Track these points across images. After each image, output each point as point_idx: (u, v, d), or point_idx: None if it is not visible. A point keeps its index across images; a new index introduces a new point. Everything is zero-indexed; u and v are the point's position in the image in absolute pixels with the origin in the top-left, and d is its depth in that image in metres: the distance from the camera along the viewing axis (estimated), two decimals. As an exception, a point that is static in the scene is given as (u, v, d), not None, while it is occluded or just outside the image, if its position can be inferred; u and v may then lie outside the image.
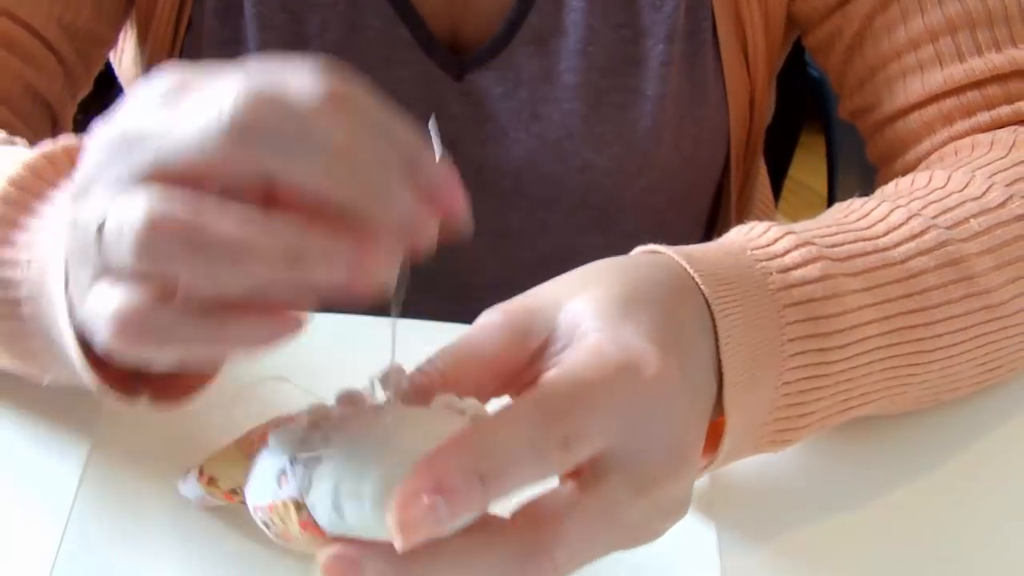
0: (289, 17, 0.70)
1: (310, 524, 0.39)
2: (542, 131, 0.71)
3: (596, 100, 0.70)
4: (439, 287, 0.78)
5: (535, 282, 0.80)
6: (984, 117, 0.66)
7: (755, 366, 0.48)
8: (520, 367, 0.45)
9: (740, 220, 0.84)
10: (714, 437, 0.48)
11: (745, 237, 0.52)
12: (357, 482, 0.38)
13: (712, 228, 0.83)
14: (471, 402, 0.42)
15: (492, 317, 0.46)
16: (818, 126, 1.07)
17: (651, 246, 0.51)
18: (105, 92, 1.03)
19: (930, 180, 0.60)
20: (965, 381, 0.57)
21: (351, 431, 0.40)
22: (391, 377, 0.42)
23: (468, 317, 0.69)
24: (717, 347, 0.47)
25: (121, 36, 0.78)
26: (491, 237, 0.76)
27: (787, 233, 0.51)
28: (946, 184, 0.59)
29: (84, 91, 0.73)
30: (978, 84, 0.66)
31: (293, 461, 0.40)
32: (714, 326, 0.47)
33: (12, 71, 0.66)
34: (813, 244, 0.51)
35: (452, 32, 0.72)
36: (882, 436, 0.59)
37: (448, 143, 0.72)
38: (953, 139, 0.67)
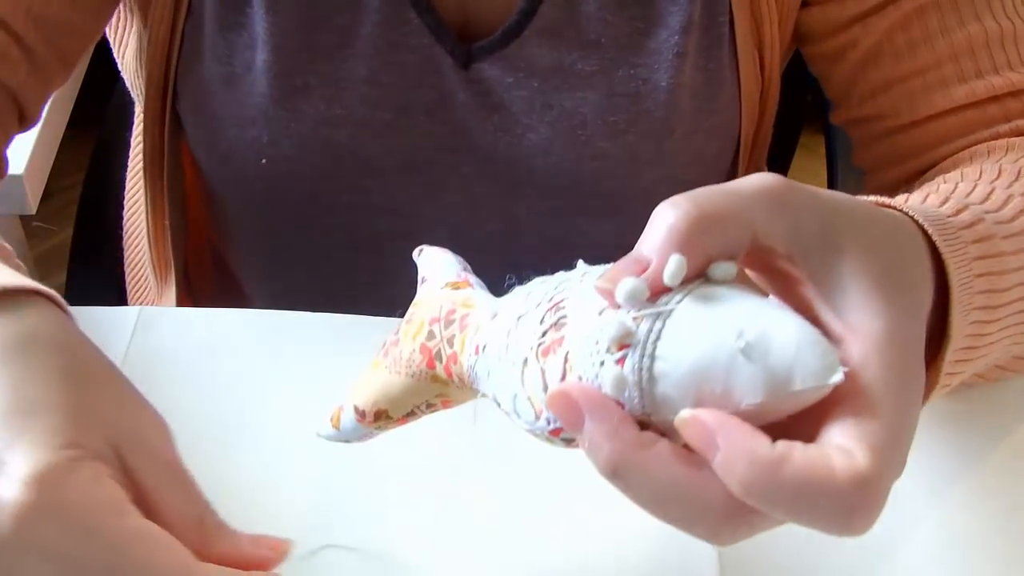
0: (299, 0, 0.70)
1: None
2: (554, 120, 0.71)
3: (610, 90, 0.71)
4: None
5: (542, 264, 0.79)
6: (1003, 128, 0.68)
7: (964, 328, 0.48)
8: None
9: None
10: None
11: (914, 200, 0.52)
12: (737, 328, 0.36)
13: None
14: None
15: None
16: (818, 126, 1.07)
17: (881, 199, 0.49)
18: (108, 88, 1.03)
19: (981, 174, 0.61)
20: None
21: (691, 297, 0.37)
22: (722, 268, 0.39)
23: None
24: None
25: (123, 29, 0.77)
26: (498, 222, 0.76)
27: (946, 199, 0.52)
28: (999, 176, 0.60)
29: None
30: (997, 98, 0.69)
31: (636, 319, 0.36)
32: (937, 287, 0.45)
33: None
34: (968, 206, 0.52)
35: (464, 19, 0.72)
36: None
37: (455, 130, 0.73)
38: (969, 147, 0.69)
